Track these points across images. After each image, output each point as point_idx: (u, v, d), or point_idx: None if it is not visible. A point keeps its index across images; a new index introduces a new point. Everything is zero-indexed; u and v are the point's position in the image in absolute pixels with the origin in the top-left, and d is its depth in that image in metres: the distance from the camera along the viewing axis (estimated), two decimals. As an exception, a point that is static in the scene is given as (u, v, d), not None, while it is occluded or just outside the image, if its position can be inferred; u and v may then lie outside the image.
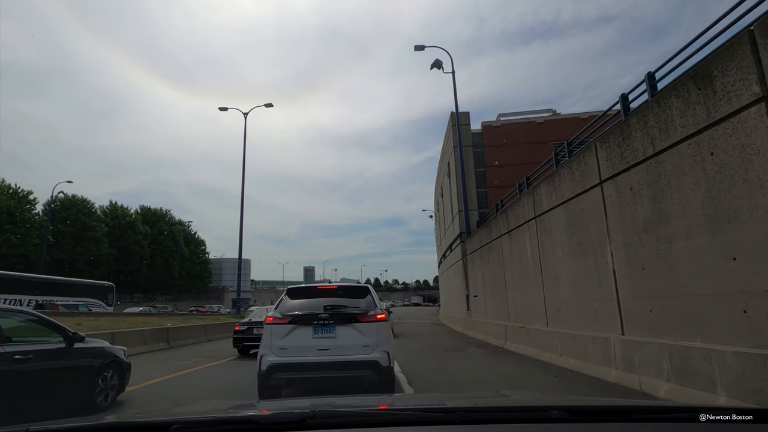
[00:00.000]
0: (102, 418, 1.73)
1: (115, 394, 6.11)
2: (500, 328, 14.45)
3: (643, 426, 1.44)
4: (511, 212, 13.53)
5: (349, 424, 1.38)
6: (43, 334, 5.30)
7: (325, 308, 5.75)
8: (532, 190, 11.48)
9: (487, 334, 16.19)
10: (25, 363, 4.61)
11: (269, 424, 1.38)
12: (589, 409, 1.67)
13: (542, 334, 10.64)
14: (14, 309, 5.75)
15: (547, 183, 10.48)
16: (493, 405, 1.95)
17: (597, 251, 8.10)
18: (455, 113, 23.82)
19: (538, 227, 11.12)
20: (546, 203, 10.49)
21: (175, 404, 3.47)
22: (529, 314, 12.09)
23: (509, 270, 13.88)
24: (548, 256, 10.49)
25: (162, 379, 8.73)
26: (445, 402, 2.17)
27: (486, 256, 17.06)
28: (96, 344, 6.05)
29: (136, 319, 23.40)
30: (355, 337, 5.65)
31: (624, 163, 7.11)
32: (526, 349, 11.48)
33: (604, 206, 7.79)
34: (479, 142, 25.68)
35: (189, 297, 73.19)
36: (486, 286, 17.27)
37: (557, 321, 10.05)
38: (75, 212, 54.97)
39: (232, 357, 12.54)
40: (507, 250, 14.05)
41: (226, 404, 2.45)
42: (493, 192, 24.21)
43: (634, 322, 7.02)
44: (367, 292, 6.24)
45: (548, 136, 23.54)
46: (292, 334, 5.64)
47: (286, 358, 5.54)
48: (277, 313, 5.83)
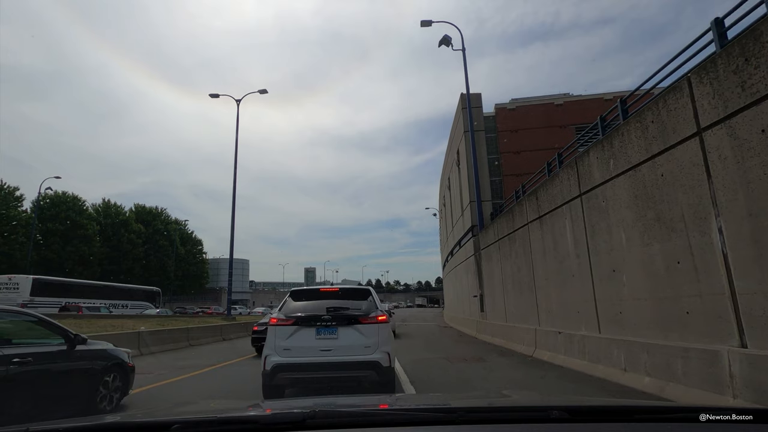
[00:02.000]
0: (102, 418, 1.73)
1: (118, 399, 5.90)
2: (527, 332, 12.18)
3: (643, 426, 1.41)
4: (542, 194, 11.26)
5: (349, 424, 1.38)
6: (43, 335, 5.12)
7: (328, 310, 5.83)
8: (575, 162, 9.21)
9: (509, 339, 13.92)
10: (24, 366, 4.44)
11: (269, 424, 1.39)
12: (589, 409, 1.65)
13: (592, 343, 8.36)
14: (12, 309, 5.42)
15: (599, 149, 8.21)
16: (493, 405, 1.90)
17: (691, 229, 5.82)
18: (466, 94, 21.55)
19: (585, 207, 8.85)
20: (598, 175, 8.22)
21: (176, 404, 3.31)
22: (569, 317, 9.82)
23: (539, 264, 11.61)
24: (601, 243, 8.22)
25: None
26: (445, 402, 2.16)
27: (506, 249, 14.79)
28: (99, 346, 5.85)
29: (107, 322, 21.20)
30: (356, 338, 5.73)
31: (749, 96, 4.84)
32: (568, 360, 9.20)
33: (705, 164, 5.52)
34: (492, 126, 23.30)
35: (185, 298, 71.16)
36: (507, 284, 14.99)
37: (616, 326, 7.78)
38: (65, 209, 52.72)
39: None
40: (536, 240, 11.78)
41: (227, 404, 2.73)
42: (508, 181, 21.93)
43: (763, 328, 4.75)
44: (368, 295, 6.31)
45: (569, 119, 21.29)
46: (296, 335, 5.74)
47: (290, 358, 5.62)
48: (281, 315, 5.92)
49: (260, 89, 29.38)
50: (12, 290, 31.77)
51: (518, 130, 22.42)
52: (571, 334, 9.34)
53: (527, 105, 23.05)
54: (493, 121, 23.48)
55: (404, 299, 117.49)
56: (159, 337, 15.43)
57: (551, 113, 22.12)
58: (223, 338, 19.82)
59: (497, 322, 16.16)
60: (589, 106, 21.26)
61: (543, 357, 10.55)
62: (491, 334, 16.55)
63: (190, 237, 77.87)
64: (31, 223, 45.63)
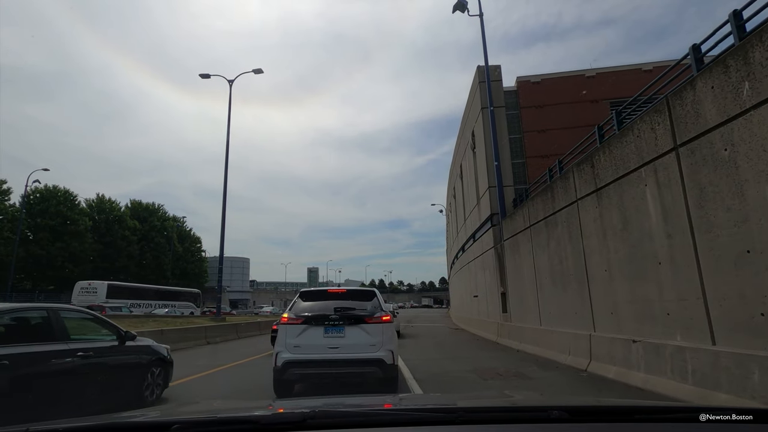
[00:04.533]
0: (102, 418, 1.70)
1: (160, 391, 6.22)
2: (575, 339, 9.57)
3: (643, 426, 1.41)
4: (602, 158, 8.63)
5: (349, 424, 1.36)
6: (98, 332, 5.54)
7: (335, 310, 6.11)
8: (668, 103, 6.56)
9: (544, 345, 11.32)
10: (87, 359, 4.89)
11: (269, 424, 1.38)
12: (590, 409, 1.64)
13: (702, 359, 5.73)
14: (75, 308, 5.75)
15: (719, 71, 5.56)
16: (493, 405, 1.89)
17: None
18: (484, 66, 18.93)
19: (685, 163, 6.21)
20: (714, 112, 5.58)
21: (176, 404, 3.25)
22: (650, 320, 7.20)
23: (596, 250, 8.99)
24: (721, 213, 5.58)
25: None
26: (446, 402, 2.18)
27: (542, 236, 12.17)
28: (144, 342, 6.20)
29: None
30: (362, 337, 6.01)
31: None
32: (653, 380, 6.57)
33: None
34: (513, 102, 20.57)
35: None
36: (542, 279, 12.36)
37: (752, 335, 5.15)
38: (55, 204, 50.39)
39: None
40: (590, 221, 9.17)
41: (227, 404, 2.75)
42: (533, 163, 19.26)
43: None
44: (373, 296, 6.59)
45: (602, 93, 18.62)
46: (305, 334, 5.99)
47: (300, 355, 5.89)
48: (291, 314, 6.17)
49: (255, 69, 26.86)
50: (91, 293, 37.65)
51: (544, 105, 19.63)
52: (657, 345, 6.70)
53: (554, 77, 20.30)
54: (514, 96, 20.72)
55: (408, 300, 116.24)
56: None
57: (581, 86, 19.33)
58: (207, 341, 17.36)
59: (527, 324, 13.54)
60: (626, 78, 18.57)
61: (605, 373, 7.93)
62: (518, 339, 13.94)
63: (188, 234, 75.49)
64: (19, 218, 43.34)
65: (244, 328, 21.71)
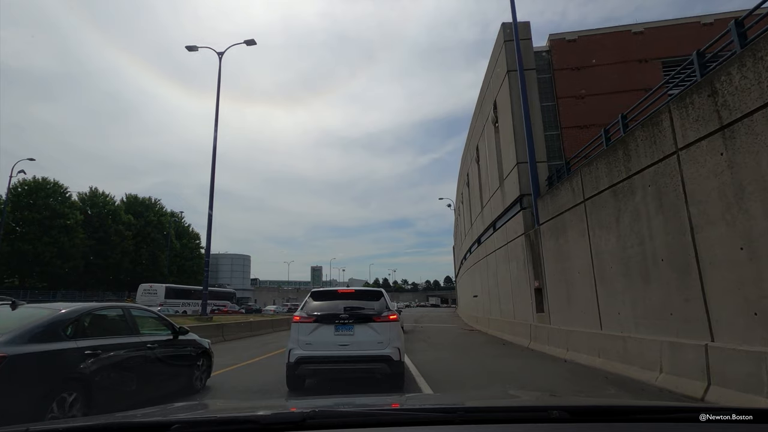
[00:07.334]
0: (102, 418, 1.70)
1: (205, 379, 7.05)
2: (677, 351, 6.63)
3: (643, 426, 1.40)
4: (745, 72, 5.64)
5: (349, 424, 1.36)
6: (158, 327, 6.30)
7: (345, 309, 6.44)
8: None
9: (615, 358, 8.42)
10: (153, 350, 5.68)
11: (269, 424, 1.37)
12: (590, 409, 1.61)
13: None
14: (140, 307, 6.48)
15: None
16: (494, 405, 1.86)
17: None
18: (512, 22, 15.92)
19: None
20: None
21: (177, 404, 2.89)
22: None
23: (718, 219, 6.01)
24: None
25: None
26: (447, 402, 2.14)
27: (605, 212, 9.20)
28: (192, 336, 6.93)
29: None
30: (370, 335, 6.32)
31: None
32: None
33: None
34: (545, 65, 17.50)
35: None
36: (604, 268, 9.38)
37: None
38: (43, 197, 47.86)
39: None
40: (703, 178, 6.18)
41: (227, 404, 2.82)
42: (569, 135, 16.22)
43: None
44: (380, 296, 6.88)
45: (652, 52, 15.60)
46: (317, 331, 6.33)
47: (312, 351, 6.23)
48: (303, 313, 6.51)
49: (246, 40, 24.02)
50: (152, 295, 41.65)
51: (582, 67, 16.49)
52: None
53: (593, 35, 17.03)
54: (543, 59, 17.63)
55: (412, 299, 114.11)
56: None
57: (627, 44, 16.16)
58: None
59: (576, 327, 10.58)
60: (680, 33, 15.53)
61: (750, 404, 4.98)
62: (562, 345, 11.04)
63: (186, 230, 72.92)
64: (2, 210, 40.77)
65: (233, 330, 18.88)
